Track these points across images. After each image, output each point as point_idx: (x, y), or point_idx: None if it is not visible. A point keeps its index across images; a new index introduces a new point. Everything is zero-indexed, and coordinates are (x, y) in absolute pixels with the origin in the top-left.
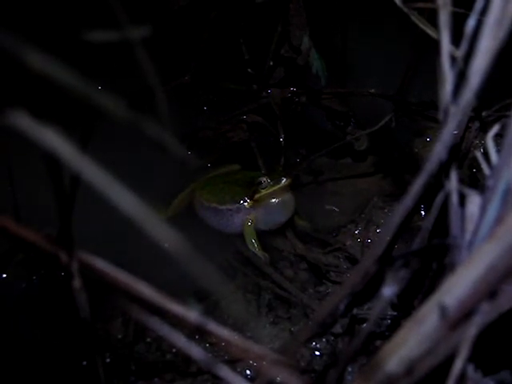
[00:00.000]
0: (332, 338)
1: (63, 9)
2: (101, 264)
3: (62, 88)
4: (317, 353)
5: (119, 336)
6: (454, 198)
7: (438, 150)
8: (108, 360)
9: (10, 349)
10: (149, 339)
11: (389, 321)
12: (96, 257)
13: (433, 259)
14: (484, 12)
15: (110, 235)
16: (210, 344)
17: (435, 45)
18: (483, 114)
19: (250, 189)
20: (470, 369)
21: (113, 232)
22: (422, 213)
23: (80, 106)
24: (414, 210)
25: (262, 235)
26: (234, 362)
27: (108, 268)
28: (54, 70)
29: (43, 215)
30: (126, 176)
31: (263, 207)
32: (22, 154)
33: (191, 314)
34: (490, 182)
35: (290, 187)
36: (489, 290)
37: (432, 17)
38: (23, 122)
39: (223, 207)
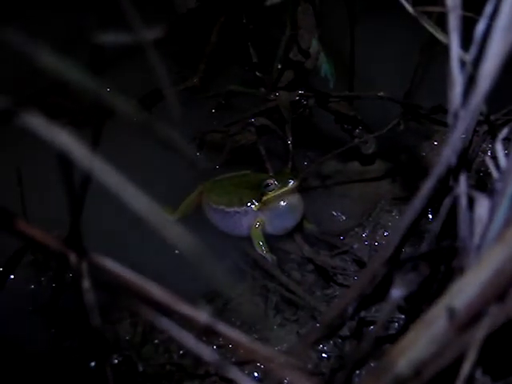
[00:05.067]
0: (339, 340)
1: (76, 9)
2: (110, 264)
3: (74, 88)
4: (324, 355)
5: (127, 337)
6: (463, 201)
7: (447, 154)
8: (116, 361)
9: (19, 349)
10: (157, 341)
11: (396, 324)
12: (105, 257)
13: (441, 262)
14: (494, 16)
15: (119, 236)
16: (218, 346)
17: (444, 48)
18: (492, 117)
19: (258, 191)
20: (478, 372)
21: (122, 233)
22: (430, 216)
23: (91, 107)
24: (422, 214)
25: (270, 238)
26: (242, 364)
27: (117, 268)
28: (67, 70)
29: (52, 216)
30: (134, 177)
31: (271, 210)
32: (31, 155)
33: (200, 315)
34: (498, 186)
35: (298, 190)
36: (497, 293)
37: (441, 20)
38: (35, 121)
39: (231, 209)
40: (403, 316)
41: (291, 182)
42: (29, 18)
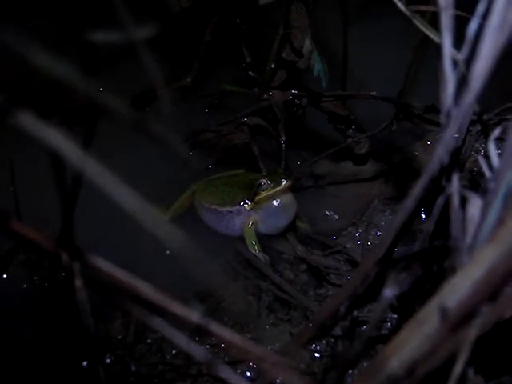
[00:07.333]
0: (332, 340)
1: (68, 8)
2: (103, 264)
3: (66, 87)
4: (317, 355)
5: (119, 337)
6: (456, 201)
7: (439, 153)
8: (108, 361)
9: (11, 349)
10: (149, 340)
11: (389, 323)
12: (98, 257)
13: (433, 262)
14: (486, 15)
15: (112, 236)
16: (210, 345)
17: (437, 48)
18: (484, 117)
19: (251, 191)
20: (471, 371)
21: (114, 232)
22: (423, 216)
23: (84, 106)
24: (415, 213)
25: (263, 237)
26: (234, 364)
27: (110, 268)
28: (59, 69)
29: (44, 215)
30: (127, 177)
31: (264, 209)
32: (24, 154)
33: (193, 314)
34: (491, 185)
35: (291, 190)
36: (489, 293)
37: (434, 20)
38: (27, 120)
39: (223, 209)
40: (396, 315)
41: (284, 182)
42: (21, 17)
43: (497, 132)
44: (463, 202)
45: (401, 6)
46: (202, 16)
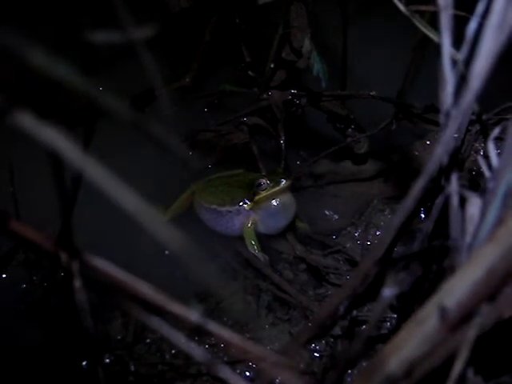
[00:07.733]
0: (331, 339)
1: (67, 8)
2: (102, 264)
3: (65, 87)
4: (316, 354)
5: (119, 337)
6: (455, 200)
7: (439, 153)
8: (107, 361)
9: (10, 349)
10: (148, 340)
11: (388, 323)
12: (97, 257)
13: (433, 261)
14: (485, 15)
15: (111, 235)
16: (210, 345)
17: (436, 47)
18: (484, 117)
19: (250, 190)
20: (470, 372)
21: (113, 232)
22: (422, 215)
23: (83, 106)
24: (414, 213)
25: (262, 237)
26: (233, 363)
27: (109, 268)
28: (58, 70)
29: (43, 216)
30: (126, 177)
31: (263, 209)
32: (23, 154)
33: (192, 314)
34: (490, 185)
35: (291, 190)
36: (489, 293)
37: (433, 19)
38: (26, 121)
39: (223, 209)
40: (395, 315)
41: (283, 182)
42: (21, 18)
43: (496, 132)
44: (462, 201)
45: (400, 5)
46: (201, 16)
